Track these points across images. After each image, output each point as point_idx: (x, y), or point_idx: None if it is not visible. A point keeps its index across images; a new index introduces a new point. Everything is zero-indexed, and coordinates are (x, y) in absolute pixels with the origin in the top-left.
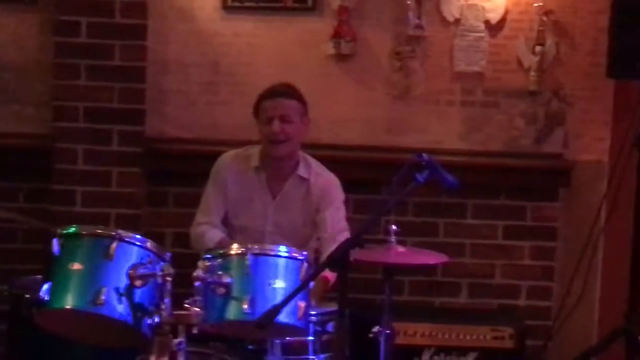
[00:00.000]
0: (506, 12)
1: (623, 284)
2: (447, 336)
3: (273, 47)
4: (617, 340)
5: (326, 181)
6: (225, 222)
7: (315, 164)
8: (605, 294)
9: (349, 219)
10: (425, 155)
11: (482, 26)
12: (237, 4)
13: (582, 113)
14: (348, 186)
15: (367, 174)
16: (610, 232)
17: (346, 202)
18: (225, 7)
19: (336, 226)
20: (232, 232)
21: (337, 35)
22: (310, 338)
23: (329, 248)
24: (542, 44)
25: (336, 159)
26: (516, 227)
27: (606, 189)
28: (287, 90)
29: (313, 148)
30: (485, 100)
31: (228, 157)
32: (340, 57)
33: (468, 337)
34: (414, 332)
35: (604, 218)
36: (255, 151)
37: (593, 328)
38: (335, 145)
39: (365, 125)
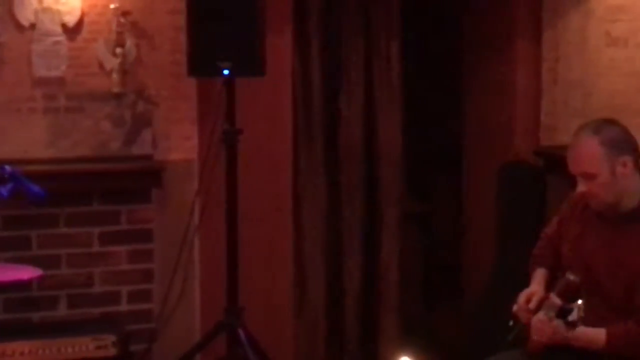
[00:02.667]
0: (83, 15)
1: (221, 279)
2: (47, 352)
3: None
4: (219, 334)
5: None
6: None
7: None
8: (205, 290)
9: None
10: (7, 167)
11: (59, 30)
12: None
13: (168, 112)
14: None
15: None
16: (205, 230)
17: None
18: None
19: None
20: None
21: None
22: None
23: None
24: (122, 46)
25: None
26: (112, 232)
27: (197, 187)
28: None
29: None
30: (70, 106)
31: None
32: None
33: (70, 350)
34: (12, 352)
35: (197, 216)
36: None
37: (196, 325)
38: None
39: None
